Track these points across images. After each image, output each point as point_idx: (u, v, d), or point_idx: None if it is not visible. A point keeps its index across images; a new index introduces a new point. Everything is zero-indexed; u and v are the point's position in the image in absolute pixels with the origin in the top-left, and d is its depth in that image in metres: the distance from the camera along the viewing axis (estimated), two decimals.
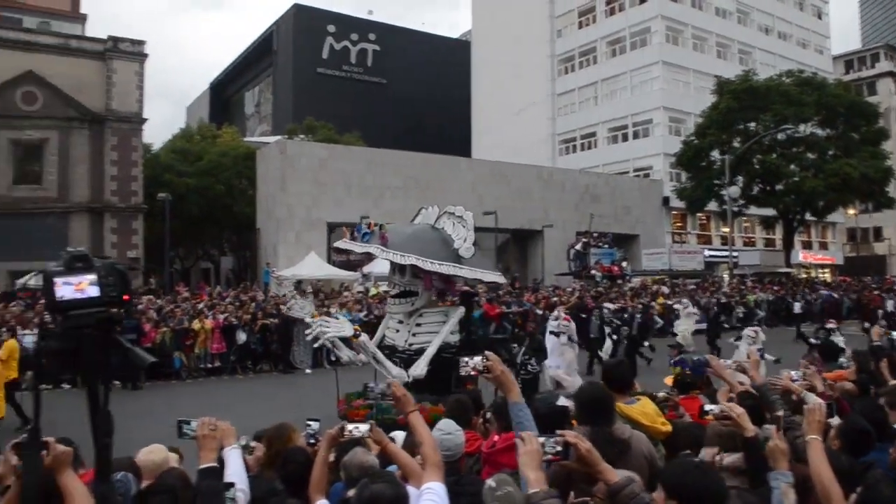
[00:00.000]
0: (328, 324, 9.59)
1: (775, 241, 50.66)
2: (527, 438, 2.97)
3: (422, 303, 9.74)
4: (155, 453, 4.06)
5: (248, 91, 76.18)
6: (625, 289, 30.78)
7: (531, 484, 2.79)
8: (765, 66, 49.09)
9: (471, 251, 9.30)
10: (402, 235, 9.86)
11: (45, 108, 34.73)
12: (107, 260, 2.08)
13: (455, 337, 9.89)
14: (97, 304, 1.99)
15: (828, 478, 3.24)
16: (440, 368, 9.19)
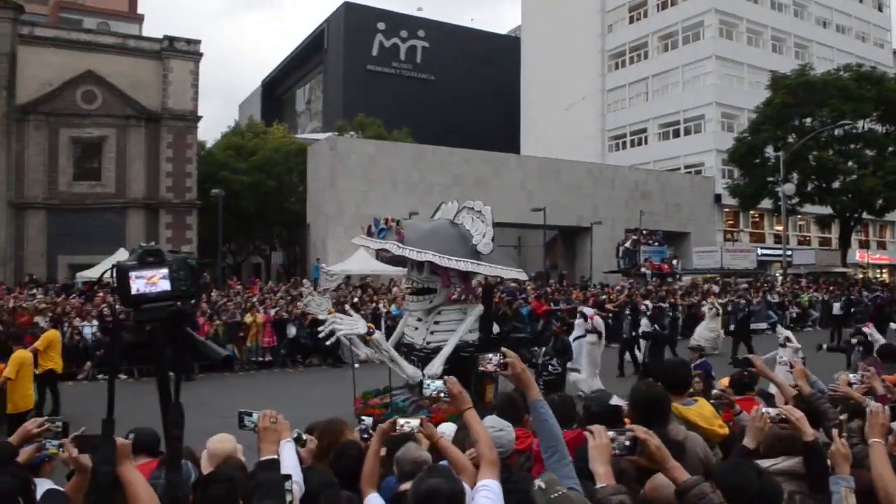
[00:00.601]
0: (341, 321, 9.40)
1: (831, 239, 49.42)
2: (597, 432, 2.96)
3: (440, 300, 9.56)
4: (225, 442, 4.15)
5: (300, 88, 76.99)
6: (675, 287, 30.36)
7: (599, 479, 2.78)
8: (822, 61, 47.81)
9: (489, 247, 9.05)
10: (420, 231, 9.70)
11: (103, 106, 35.64)
12: (179, 255, 2.14)
13: (474, 335, 9.67)
14: (169, 298, 2.04)
15: (891, 482, 3.18)
16: (458, 367, 8.88)
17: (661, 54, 51.29)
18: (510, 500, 3.51)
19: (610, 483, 2.76)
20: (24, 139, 34.34)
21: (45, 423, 3.60)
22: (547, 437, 3.39)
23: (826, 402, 4.38)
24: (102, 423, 2.37)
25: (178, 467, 2.03)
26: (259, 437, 3.51)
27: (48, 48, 34.86)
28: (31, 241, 34.02)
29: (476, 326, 9.73)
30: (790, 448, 3.80)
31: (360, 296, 23.58)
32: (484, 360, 3.52)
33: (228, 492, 3.36)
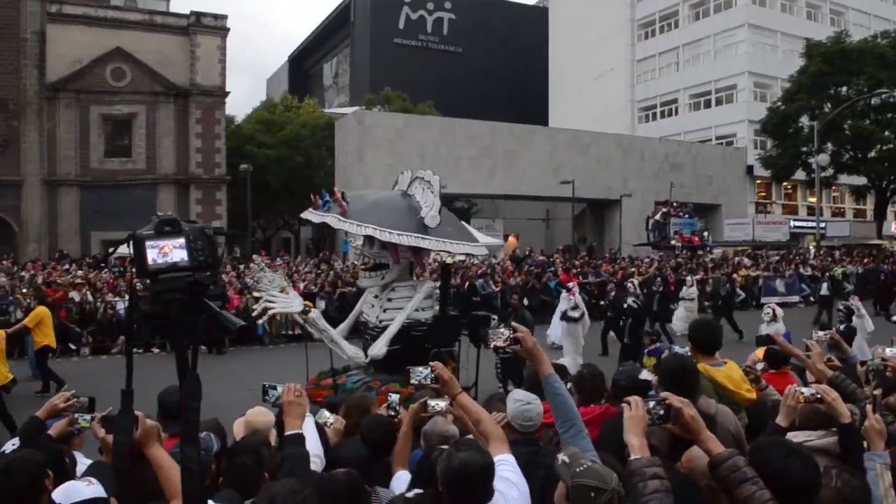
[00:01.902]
0: (275, 299, 8.92)
1: (866, 211, 48.51)
2: (633, 403, 2.91)
3: (392, 276, 8.93)
4: (265, 415, 4.18)
5: (327, 63, 76.81)
6: (705, 259, 30.04)
7: (634, 450, 2.73)
8: (858, 28, 46.55)
9: (436, 219, 8.38)
10: (365, 203, 9.05)
11: (132, 83, 35.91)
12: (195, 224, 2.11)
13: (427, 314, 9.00)
14: (185, 269, 2.02)
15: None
16: (411, 347, 8.44)
17: (692, 23, 50.30)
18: (538, 475, 3.49)
19: (644, 455, 2.71)
20: (56, 117, 34.74)
21: (70, 397, 3.64)
22: (562, 411, 3.36)
23: (852, 384, 4.29)
24: (122, 393, 2.36)
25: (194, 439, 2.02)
26: (284, 411, 3.51)
27: (77, 26, 35.12)
28: (65, 217, 34.56)
29: (430, 304, 9.09)
30: (828, 422, 3.74)
31: None
32: (494, 334, 3.48)
33: (255, 462, 3.37)
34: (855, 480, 3.00)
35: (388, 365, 8.39)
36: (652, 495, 2.54)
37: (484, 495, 2.98)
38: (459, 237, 9.00)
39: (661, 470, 2.66)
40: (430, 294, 9.05)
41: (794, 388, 3.62)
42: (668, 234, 34.89)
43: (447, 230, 8.63)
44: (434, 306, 9.05)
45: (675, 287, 25.20)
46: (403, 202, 8.79)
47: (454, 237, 8.82)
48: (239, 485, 3.26)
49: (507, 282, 22.72)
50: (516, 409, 3.85)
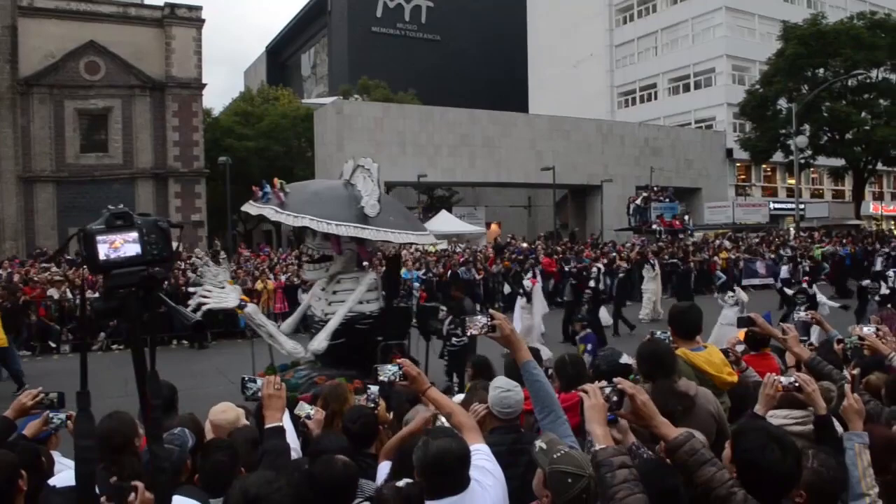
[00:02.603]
0: (209, 293, 8.57)
1: (844, 192, 48.95)
2: (591, 392, 2.88)
3: (337, 268, 8.63)
4: (227, 412, 4.14)
5: (304, 53, 76.33)
6: (686, 243, 30.20)
7: (598, 440, 2.70)
8: (834, 9, 46.86)
9: (375, 208, 8.10)
10: (304, 194, 8.78)
11: (107, 77, 35.46)
12: (148, 217, 2.05)
13: (373, 306, 8.67)
14: (139, 263, 1.97)
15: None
16: (357, 340, 8.25)
17: (669, 7, 50.38)
18: (520, 461, 3.52)
19: (609, 444, 2.68)
20: (30, 112, 34.26)
21: (38, 394, 3.58)
22: (541, 397, 3.35)
23: (828, 366, 4.30)
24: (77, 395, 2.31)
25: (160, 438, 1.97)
26: (263, 404, 3.49)
27: (49, 19, 34.59)
28: (41, 214, 34.17)
29: (374, 296, 8.76)
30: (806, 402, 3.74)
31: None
32: (472, 322, 3.46)
33: (230, 458, 3.36)
34: (831, 460, 3.00)
35: (334, 359, 8.18)
36: (621, 485, 2.50)
37: (460, 482, 3.00)
38: (403, 226, 8.71)
39: (629, 458, 2.64)
40: (374, 286, 8.73)
41: (773, 377, 3.60)
42: (650, 218, 35.04)
43: (389, 219, 8.38)
44: (380, 298, 8.75)
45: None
46: (345, 192, 8.52)
47: (397, 226, 8.55)
48: (213, 482, 3.24)
49: (490, 269, 22.73)
50: (496, 396, 3.84)
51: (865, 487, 2.99)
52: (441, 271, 22.38)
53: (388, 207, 8.62)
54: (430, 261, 23.59)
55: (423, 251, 26.23)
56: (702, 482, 2.61)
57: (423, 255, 25.24)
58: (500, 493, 3.16)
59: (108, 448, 3.58)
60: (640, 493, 2.49)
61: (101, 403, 3.46)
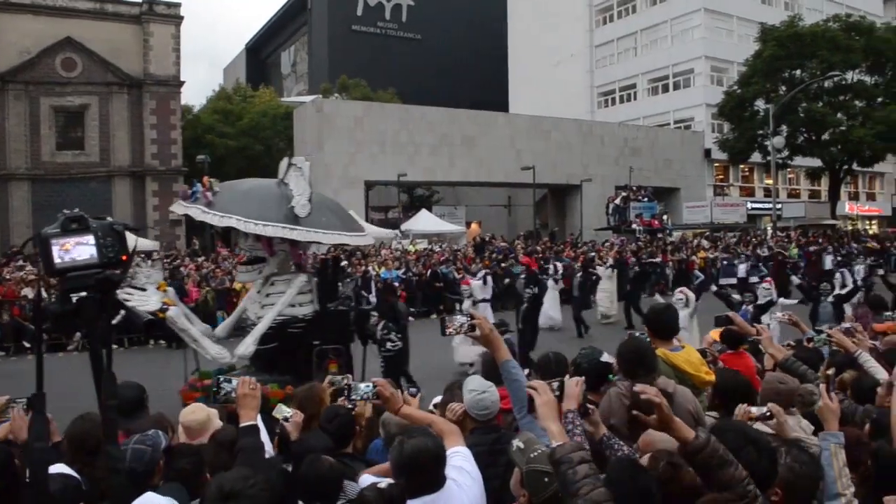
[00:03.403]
0: (131, 295, 7.96)
1: (821, 192, 49.48)
2: (541, 389, 2.92)
3: (271, 269, 8.43)
4: (197, 413, 4.11)
5: (284, 51, 75.95)
6: (663, 242, 30.42)
7: (554, 437, 2.73)
8: (811, 12, 47.29)
9: (306, 208, 7.90)
10: (234, 194, 8.54)
11: (84, 73, 35.07)
12: (104, 220, 2.04)
13: (306, 309, 8.45)
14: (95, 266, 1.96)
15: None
16: (290, 345, 8.04)
17: (649, 8, 50.64)
18: (500, 461, 3.53)
19: (565, 440, 2.69)
20: (4, 109, 33.83)
21: (6, 401, 3.53)
22: (520, 396, 3.36)
23: (803, 366, 4.34)
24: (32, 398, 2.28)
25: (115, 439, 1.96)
26: (238, 403, 3.49)
27: (24, 14, 34.16)
28: (16, 212, 33.74)
29: (308, 299, 8.54)
30: (789, 402, 3.79)
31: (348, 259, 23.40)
32: (451, 322, 3.46)
33: (194, 465, 3.37)
34: (804, 455, 3.04)
35: (267, 364, 7.95)
36: (583, 481, 2.51)
37: (436, 481, 3.02)
38: (336, 226, 8.41)
39: (588, 453, 2.64)
40: (308, 288, 8.47)
41: (744, 407, 3.60)
42: (629, 218, 35.23)
43: (321, 220, 8.18)
44: (315, 301, 8.52)
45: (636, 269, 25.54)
46: (277, 191, 8.25)
47: (329, 226, 8.30)
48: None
49: (469, 268, 22.74)
50: (471, 399, 3.85)
51: (841, 487, 3.00)
52: (422, 270, 22.37)
53: (323, 207, 8.41)
54: (410, 260, 23.56)
55: (404, 250, 26.20)
56: (724, 481, 2.60)
57: (403, 254, 25.23)
58: (476, 492, 3.17)
59: (81, 450, 3.54)
60: (602, 486, 2.50)
61: (76, 404, 3.43)
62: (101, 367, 2.00)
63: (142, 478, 3.18)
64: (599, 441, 3.10)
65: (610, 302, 19.54)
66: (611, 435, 3.25)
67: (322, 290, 8.75)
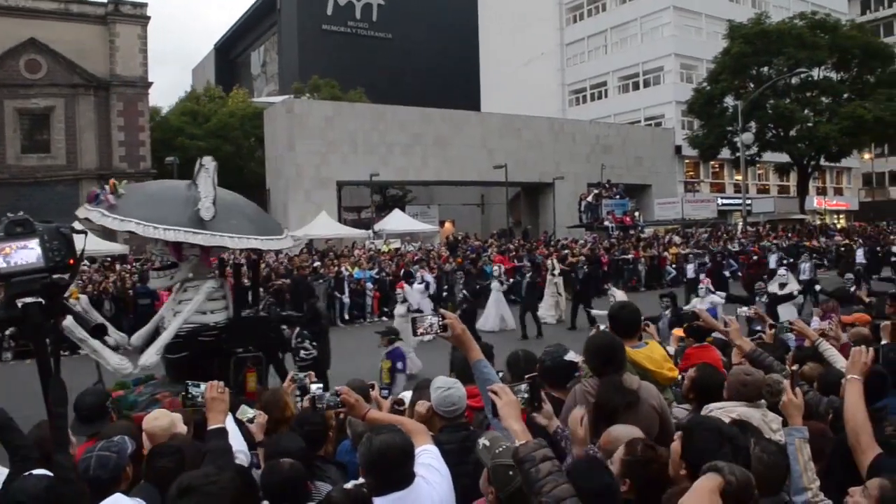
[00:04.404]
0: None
1: (790, 187, 50.15)
2: (501, 391, 2.93)
3: (183, 275, 8.03)
4: (160, 419, 4.07)
5: (254, 51, 75.47)
6: (636, 239, 30.63)
7: (518, 436, 2.74)
8: (778, 9, 47.96)
9: (210, 211, 7.50)
10: (139, 197, 8.13)
11: (49, 75, 34.56)
12: (50, 224, 1.97)
13: (218, 316, 8.08)
14: (41, 271, 1.88)
15: (862, 418, 3.21)
16: (203, 353, 7.71)
17: (618, 6, 50.98)
18: (470, 459, 3.54)
19: (528, 439, 2.71)
20: None
21: None
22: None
23: (769, 357, 4.37)
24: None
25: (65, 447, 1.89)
26: (207, 407, 3.52)
27: None
28: None
29: (220, 306, 8.19)
30: (756, 395, 3.80)
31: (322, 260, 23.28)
32: (422, 324, 3.42)
33: (176, 464, 3.35)
34: (772, 446, 3.10)
35: (180, 374, 7.56)
36: (546, 478, 2.51)
37: (404, 477, 3.01)
38: (247, 230, 7.99)
39: (550, 450, 2.65)
40: (220, 294, 8.13)
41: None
42: (601, 215, 35.41)
43: (231, 223, 7.78)
44: (229, 307, 8.17)
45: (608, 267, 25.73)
46: (185, 194, 7.85)
47: (239, 230, 7.87)
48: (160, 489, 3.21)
49: (443, 267, 22.71)
50: (437, 395, 3.85)
51: (807, 481, 3.03)
52: (394, 270, 22.29)
53: (234, 210, 8.06)
54: (384, 260, 23.47)
55: (377, 250, 26.10)
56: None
57: (376, 254, 25.13)
58: (445, 489, 3.17)
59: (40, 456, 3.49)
60: (565, 483, 2.51)
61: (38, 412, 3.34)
62: (48, 373, 1.93)
63: (107, 484, 3.15)
64: (554, 433, 3.11)
65: (556, 305, 19.28)
66: (563, 427, 3.27)
67: (237, 296, 8.38)
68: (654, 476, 2.84)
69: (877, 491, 2.65)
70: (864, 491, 2.70)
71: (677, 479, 2.78)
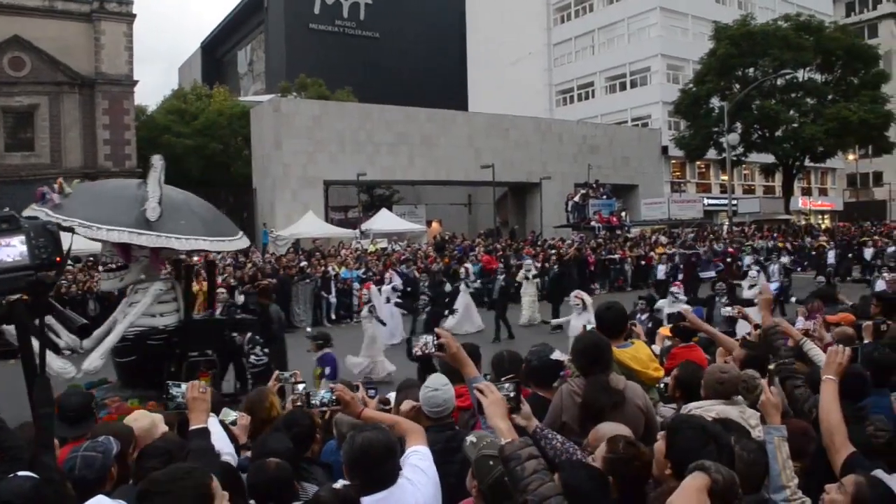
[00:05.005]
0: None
1: (775, 188, 50.47)
2: (486, 389, 2.95)
3: (133, 277, 7.85)
4: (140, 420, 4.03)
5: (241, 50, 75.10)
6: (621, 239, 30.74)
7: (503, 434, 2.75)
8: (764, 10, 48.26)
9: (156, 211, 7.30)
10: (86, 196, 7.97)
11: (33, 73, 34.24)
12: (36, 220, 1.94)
13: (168, 319, 7.87)
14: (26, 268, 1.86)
15: (836, 418, 3.26)
16: (153, 357, 7.53)
17: (605, 7, 51.15)
18: (456, 459, 3.55)
19: (514, 437, 2.72)
20: None
21: None
22: None
23: (780, 338, 4.35)
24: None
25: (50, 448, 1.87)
26: (189, 407, 3.50)
27: None
28: None
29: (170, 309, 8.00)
30: (733, 393, 3.82)
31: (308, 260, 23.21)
32: (419, 343, 3.47)
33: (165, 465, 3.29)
34: (752, 444, 3.14)
35: (131, 378, 7.50)
36: (532, 476, 2.53)
37: (388, 475, 2.99)
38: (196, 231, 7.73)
39: (535, 449, 2.68)
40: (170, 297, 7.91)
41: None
42: (588, 215, 35.50)
43: (180, 223, 7.56)
44: (180, 310, 7.96)
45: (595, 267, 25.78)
46: (134, 193, 7.68)
47: (189, 231, 7.63)
48: None
49: (430, 267, 22.70)
50: (424, 395, 3.86)
51: (786, 479, 3.06)
52: (381, 269, 22.26)
53: (184, 210, 7.82)
54: (370, 260, 23.43)
55: (363, 250, 26.04)
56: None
57: (362, 253, 25.09)
58: (431, 491, 3.15)
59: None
60: (550, 480, 2.52)
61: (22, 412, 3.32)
62: (34, 373, 1.91)
63: (92, 485, 3.12)
64: (532, 433, 3.13)
65: (532, 307, 19.01)
66: (542, 426, 3.27)
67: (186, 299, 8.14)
68: (637, 474, 2.85)
69: (852, 487, 2.71)
70: (840, 487, 2.75)
71: (662, 478, 2.80)
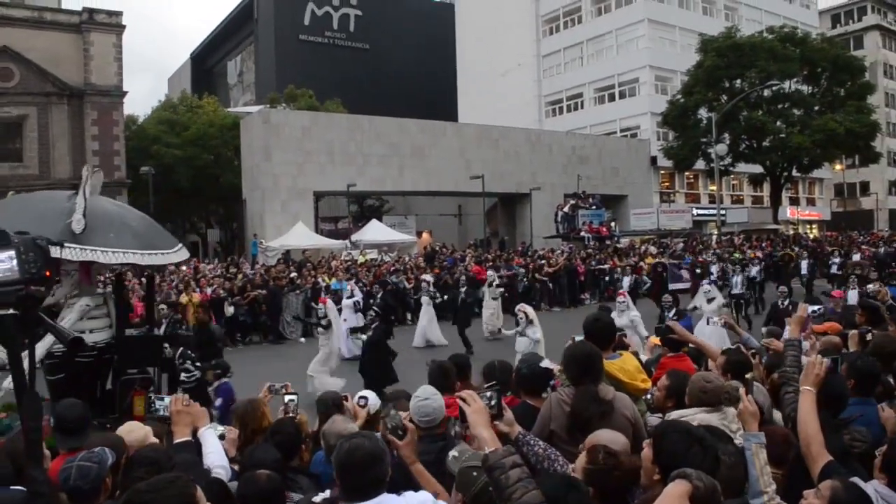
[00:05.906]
0: None
1: (763, 198, 50.76)
2: (469, 398, 2.95)
3: (64, 292, 7.51)
4: (134, 432, 4.02)
5: (231, 60, 75.11)
6: (609, 249, 30.83)
7: (487, 443, 2.75)
8: (750, 22, 48.71)
9: (81, 224, 6.86)
10: (12, 208, 7.69)
11: (22, 83, 34.14)
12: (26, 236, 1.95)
13: (98, 335, 7.44)
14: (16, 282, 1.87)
15: (813, 428, 3.30)
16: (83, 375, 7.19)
17: (594, 18, 51.47)
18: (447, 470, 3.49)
19: (497, 446, 2.72)
20: None
21: None
22: None
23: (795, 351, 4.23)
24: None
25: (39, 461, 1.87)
26: (172, 420, 3.53)
27: None
28: None
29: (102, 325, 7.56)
30: (716, 401, 3.86)
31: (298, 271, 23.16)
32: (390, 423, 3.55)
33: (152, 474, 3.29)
34: (731, 447, 3.20)
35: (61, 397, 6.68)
36: (516, 485, 2.54)
37: (372, 482, 2.89)
38: (126, 244, 7.28)
39: (518, 457, 2.68)
40: (100, 313, 7.58)
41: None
42: (577, 225, 35.60)
43: (109, 236, 7.15)
44: (112, 325, 7.64)
45: (585, 277, 25.82)
46: (61, 205, 7.28)
47: (118, 245, 7.18)
48: None
49: (420, 277, 22.68)
50: (414, 405, 3.85)
51: (763, 485, 3.10)
52: (370, 281, 22.24)
53: (116, 223, 7.40)
54: (360, 271, 23.41)
55: (353, 261, 26.00)
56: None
57: (352, 264, 25.05)
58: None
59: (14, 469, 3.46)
60: (535, 489, 2.52)
61: None
62: (23, 387, 1.92)
63: (87, 495, 3.10)
64: (515, 440, 3.15)
65: (495, 318, 18.59)
66: (525, 433, 3.29)
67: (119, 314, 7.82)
68: (617, 484, 2.87)
69: (828, 492, 2.76)
70: (817, 493, 2.81)
71: (651, 484, 2.81)
